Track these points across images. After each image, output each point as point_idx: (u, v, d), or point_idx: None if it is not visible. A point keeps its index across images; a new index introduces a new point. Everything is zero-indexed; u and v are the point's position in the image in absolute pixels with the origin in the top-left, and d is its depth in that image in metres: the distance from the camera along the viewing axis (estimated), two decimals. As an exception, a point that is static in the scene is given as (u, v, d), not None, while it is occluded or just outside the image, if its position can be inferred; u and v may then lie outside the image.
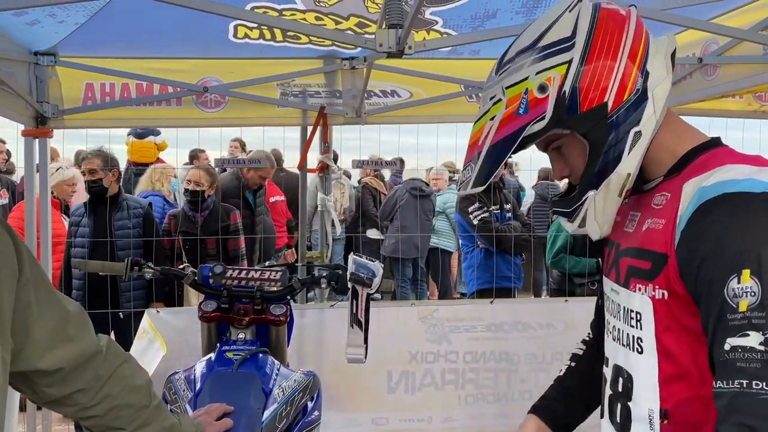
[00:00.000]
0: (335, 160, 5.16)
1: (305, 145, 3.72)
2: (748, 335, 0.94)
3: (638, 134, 1.11)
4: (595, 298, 1.50)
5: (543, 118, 1.11)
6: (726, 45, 2.76)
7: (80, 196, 5.26)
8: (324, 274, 2.26)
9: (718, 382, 0.96)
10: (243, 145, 6.85)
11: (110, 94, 3.38)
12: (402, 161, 4.47)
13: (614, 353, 1.23)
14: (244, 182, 4.96)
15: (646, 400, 1.13)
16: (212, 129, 3.92)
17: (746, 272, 0.96)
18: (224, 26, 2.98)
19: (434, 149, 5.28)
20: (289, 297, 2.26)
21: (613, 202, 1.14)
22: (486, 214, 4.52)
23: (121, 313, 3.78)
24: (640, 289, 1.12)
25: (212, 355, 2.07)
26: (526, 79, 1.12)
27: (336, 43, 3.09)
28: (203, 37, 3.09)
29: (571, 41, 1.11)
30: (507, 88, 1.14)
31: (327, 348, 3.52)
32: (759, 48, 2.54)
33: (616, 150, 1.11)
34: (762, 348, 0.93)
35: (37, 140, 3.28)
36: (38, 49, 3.15)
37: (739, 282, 0.96)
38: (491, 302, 3.79)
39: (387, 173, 7.67)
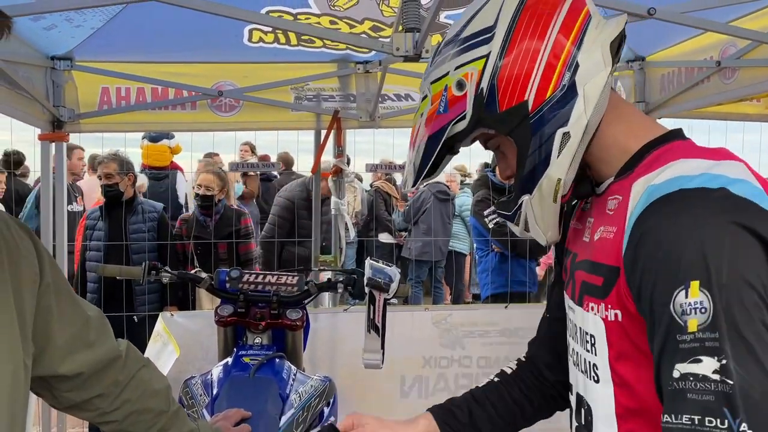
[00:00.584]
0: (348, 163, 5.15)
1: (319, 149, 3.72)
2: (700, 361, 0.80)
3: (566, 135, 0.98)
4: None
5: (464, 118, 1.02)
6: (745, 48, 2.72)
7: (90, 200, 5.31)
8: (341, 279, 2.25)
9: (666, 416, 0.83)
10: (253, 149, 6.87)
11: (126, 99, 3.40)
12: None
13: (575, 380, 1.11)
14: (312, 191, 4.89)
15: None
16: (226, 132, 3.94)
17: (695, 284, 0.81)
18: (239, 30, 2.99)
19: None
20: (305, 301, 2.25)
21: (549, 207, 1.03)
22: (501, 219, 4.48)
23: (135, 317, 3.79)
24: (593, 309, 0.99)
25: (229, 360, 2.07)
26: (447, 74, 1.03)
27: (350, 46, 3.09)
28: (218, 42, 3.10)
29: (491, 32, 1.01)
30: (432, 83, 1.06)
31: (340, 352, 3.51)
32: (779, 51, 2.51)
33: (543, 152, 0.99)
34: (716, 377, 0.78)
35: (53, 144, 3.31)
36: (55, 53, 3.17)
37: (686, 296, 0.82)
38: (506, 307, 3.76)
39: (399, 177, 7.66)
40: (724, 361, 0.78)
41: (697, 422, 0.79)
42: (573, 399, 1.13)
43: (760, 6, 2.55)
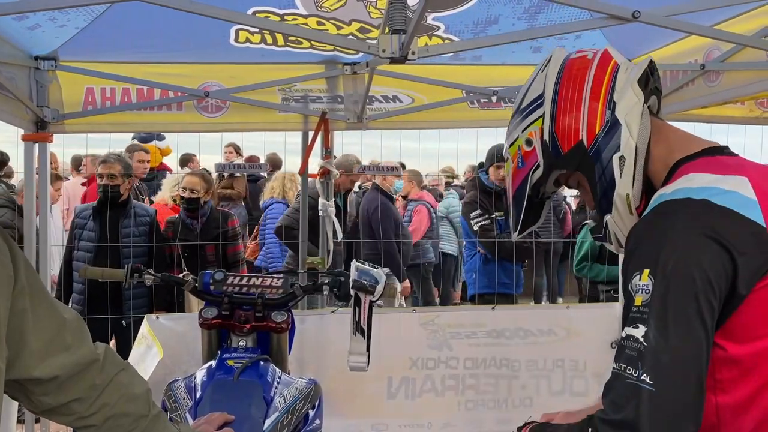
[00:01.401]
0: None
1: (306, 150, 3.71)
2: (637, 327, 1.07)
3: (622, 158, 1.22)
4: (594, 305, 1.53)
5: (539, 166, 1.30)
6: (729, 51, 2.74)
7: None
8: (326, 281, 2.24)
9: (613, 362, 1.10)
10: (237, 149, 6.84)
11: (111, 99, 3.37)
12: (403, 166, 4.45)
13: None
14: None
15: None
16: (213, 134, 3.91)
17: (646, 271, 1.07)
18: (225, 31, 2.97)
19: (436, 154, 5.28)
20: (290, 304, 2.24)
21: (629, 219, 1.24)
22: (487, 222, 4.51)
23: (123, 321, 3.76)
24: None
25: (213, 363, 2.05)
26: (518, 138, 1.33)
27: (338, 48, 3.08)
28: (204, 42, 3.08)
29: (541, 99, 1.30)
30: (508, 147, 1.37)
31: (327, 354, 3.50)
32: (762, 54, 2.52)
33: (607, 176, 1.23)
34: (642, 340, 1.06)
35: (36, 144, 3.27)
36: (39, 53, 3.14)
37: (639, 279, 1.08)
38: (493, 308, 3.77)
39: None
40: (647, 330, 1.06)
41: (623, 368, 1.07)
42: None
43: (743, 9, 2.57)
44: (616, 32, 2.90)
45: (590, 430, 1.09)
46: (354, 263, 2.12)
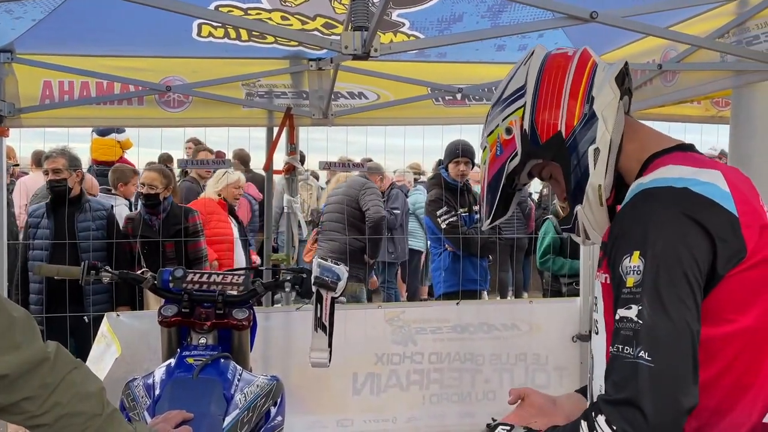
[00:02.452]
0: (302, 161, 5.13)
1: (271, 146, 3.69)
2: (630, 308, 1.10)
3: (597, 150, 1.26)
4: (556, 299, 1.57)
5: (516, 155, 1.33)
6: (684, 52, 2.81)
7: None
8: (288, 278, 2.23)
9: (610, 345, 1.14)
10: (197, 144, 6.70)
11: (69, 93, 3.30)
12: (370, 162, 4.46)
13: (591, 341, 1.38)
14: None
15: (600, 377, 1.22)
16: (176, 129, 3.86)
17: (636, 253, 1.11)
18: (188, 24, 2.93)
19: (402, 150, 5.30)
20: (252, 301, 2.22)
21: (598, 211, 1.29)
22: (454, 218, 4.54)
23: (86, 318, 3.68)
24: (597, 276, 1.28)
25: (172, 361, 2.03)
26: (497, 126, 1.37)
27: (302, 43, 3.07)
28: (166, 36, 3.03)
29: (523, 89, 1.34)
30: (487, 136, 1.40)
31: (292, 351, 3.49)
32: (716, 55, 2.59)
33: (582, 167, 1.28)
34: (636, 319, 1.09)
35: (-8, 139, 3.19)
36: (-7, 45, 3.06)
37: (629, 261, 1.12)
38: (457, 304, 3.80)
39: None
40: (641, 308, 1.09)
41: (620, 349, 1.10)
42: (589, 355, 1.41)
43: (697, 12, 2.64)
44: (578, 32, 2.94)
45: (593, 413, 1.11)
46: (316, 260, 2.12)
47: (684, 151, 1.27)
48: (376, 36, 2.04)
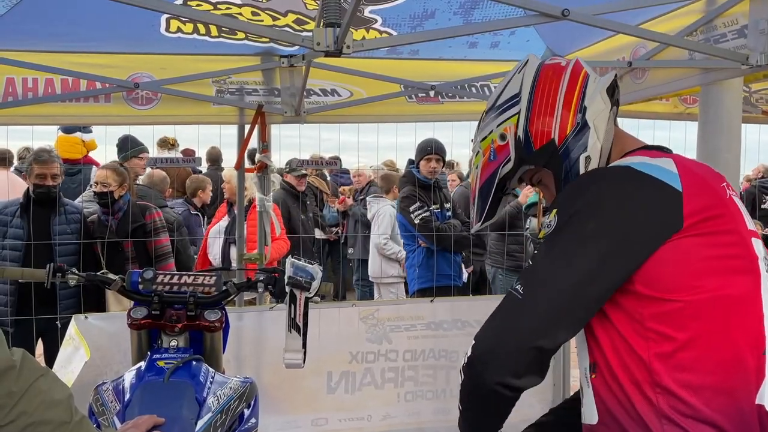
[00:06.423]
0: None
1: (242, 144, 3.64)
2: (536, 253, 1.24)
3: (588, 158, 1.33)
4: None
5: (510, 160, 1.38)
6: (654, 50, 2.85)
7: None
8: (261, 278, 2.20)
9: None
10: (164, 143, 6.57)
11: (33, 90, 3.21)
12: (339, 159, 4.43)
13: None
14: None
15: (583, 359, 1.27)
16: (144, 126, 3.78)
17: (554, 212, 1.23)
18: (155, 19, 2.87)
19: (375, 147, 5.29)
20: (224, 302, 2.19)
21: None
22: (427, 214, 4.55)
23: (59, 321, 3.59)
24: None
25: (142, 364, 1.98)
26: (492, 132, 1.42)
27: (274, 40, 3.03)
28: (133, 31, 2.97)
29: (518, 97, 1.39)
30: (481, 141, 1.44)
31: (266, 351, 3.46)
32: (684, 53, 2.63)
33: (573, 173, 1.34)
34: (530, 262, 1.24)
35: (-48, 137, 3.09)
36: (-48, 40, 2.96)
37: (548, 218, 1.24)
38: (431, 301, 3.81)
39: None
40: (536, 253, 1.23)
41: (515, 284, 1.22)
42: None
43: (667, 10, 2.67)
44: (549, 30, 2.96)
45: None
46: (289, 259, 2.09)
47: (650, 150, 1.33)
48: (349, 33, 2.02)
